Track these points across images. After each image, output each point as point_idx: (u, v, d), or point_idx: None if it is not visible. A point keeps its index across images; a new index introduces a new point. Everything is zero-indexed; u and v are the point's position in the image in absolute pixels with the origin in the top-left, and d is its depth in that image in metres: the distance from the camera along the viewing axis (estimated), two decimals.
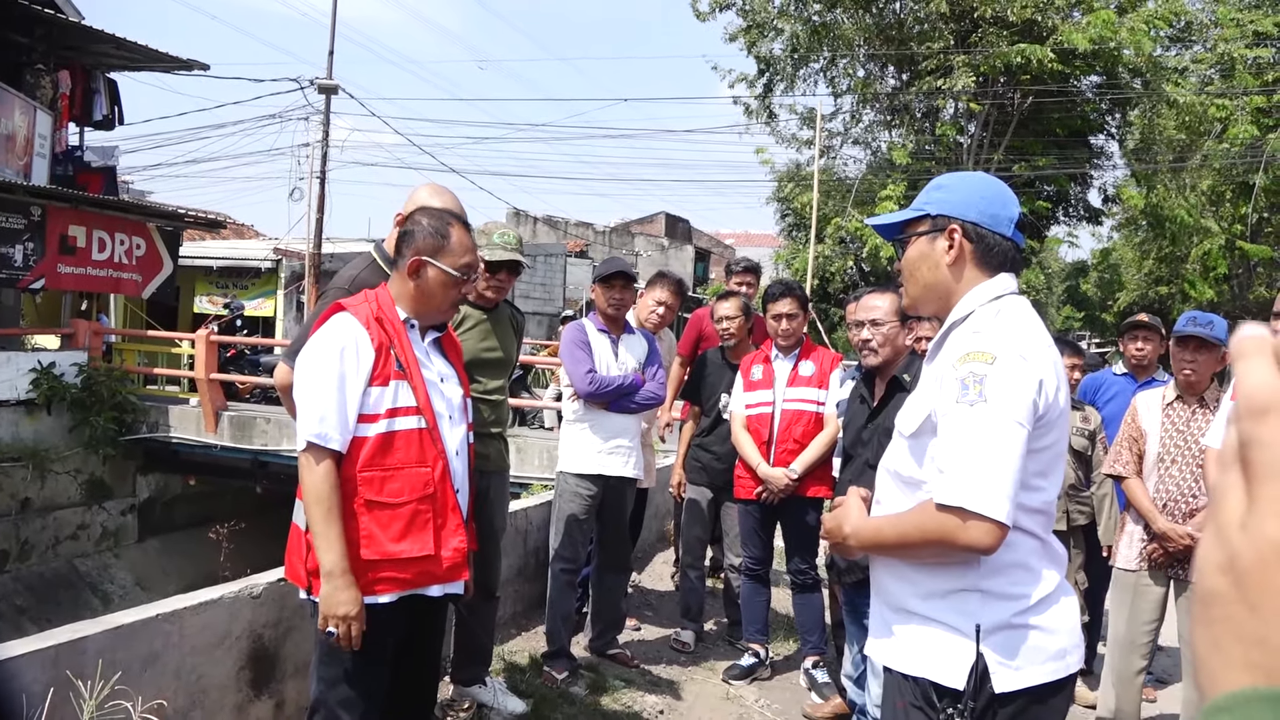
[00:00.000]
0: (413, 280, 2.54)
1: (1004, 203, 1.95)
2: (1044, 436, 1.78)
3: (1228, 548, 1.21)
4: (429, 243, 2.54)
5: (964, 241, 1.91)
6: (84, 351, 13.08)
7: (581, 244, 31.23)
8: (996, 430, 1.72)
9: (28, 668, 2.55)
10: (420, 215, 2.63)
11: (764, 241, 37.75)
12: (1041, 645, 1.78)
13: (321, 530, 2.34)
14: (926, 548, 1.79)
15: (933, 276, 1.95)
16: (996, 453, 1.71)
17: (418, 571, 2.47)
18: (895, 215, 2.05)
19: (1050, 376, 1.78)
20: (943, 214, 1.94)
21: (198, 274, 18.80)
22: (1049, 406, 1.77)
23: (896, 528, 1.87)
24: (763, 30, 19.63)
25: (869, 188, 19.43)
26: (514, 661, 4.49)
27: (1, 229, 12.02)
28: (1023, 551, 1.80)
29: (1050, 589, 1.81)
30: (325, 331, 2.47)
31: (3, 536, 11.75)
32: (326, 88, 18.06)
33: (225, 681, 3.19)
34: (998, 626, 1.77)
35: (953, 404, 1.77)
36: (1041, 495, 1.81)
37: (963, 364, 1.77)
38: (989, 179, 2.02)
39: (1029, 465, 1.76)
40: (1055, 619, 1.81)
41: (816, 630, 4.69)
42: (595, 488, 4.41)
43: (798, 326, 4.64)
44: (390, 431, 2.44)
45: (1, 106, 12.46)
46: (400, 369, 2.47)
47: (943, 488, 1.75)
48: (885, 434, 3.53)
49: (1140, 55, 17.04)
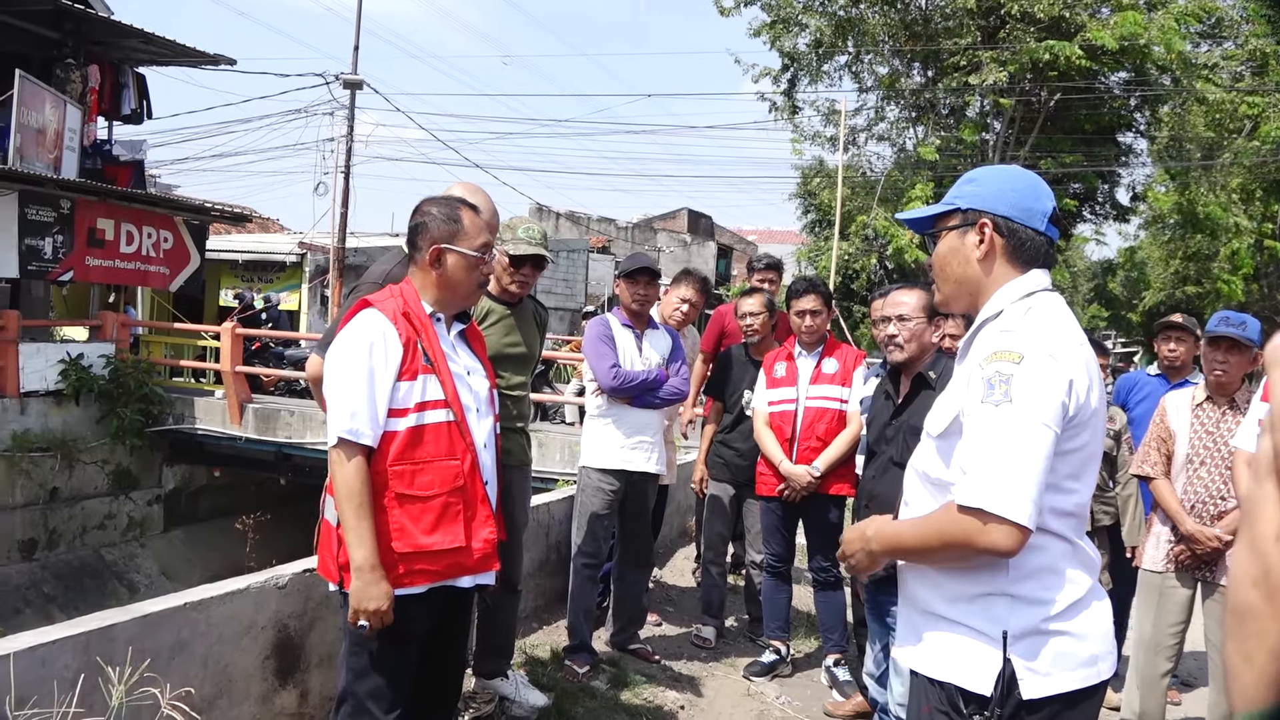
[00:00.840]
0: (434, 270, 2.56)
1: (1037, 196, 1.90)
2: (1075, 438, 1.74)
3: (1262, 561, 1.15)
4: (444, 229, 2.56)
5: (995, 236, 1.87)
6: (111, 343, 13.24)
7: (604, 240, 31.25)
8: (1021, 432, 1.68)
9: (60, 654, 2.58)
10: (428, 205, 2.64)
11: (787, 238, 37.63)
12: (1071, 651, 1.75)
13: (353, 525, 2.37)
14: (947, 551, 1.77)
15: (963, 272, 1.92)
16: (1020, 454, 1.68)
17: (449, 563, 2.49)
18: (926, 210, 2.01)
19: (1081, 376, 1.74)
20: (974, 208, 1.90)
21: (223, 267, 18.98)
22: (1079, 407, 1.73)
23: (917, 531, 1.85)
24: (787, 25, 19.56)
25: (894, 184, 19.32)
26: (535, 655, 4.51)
27: (31, 221, 12.16)
28: (1052, 555, 1.76)
29: (1081, 594, 1.77)
30: (353, 328, 2.48)
31: (31, 525, 11.92)
32: (351, 83, 18.16)
33: (251, 670, 3.22)
34: (1026, 632, 1.74)
35: (978, 404, 1.73)
36: (1073, 498, 1.77)
37: (989, 363, 1.74)
38: (1022, 172, 1.97)
39: (1060, 467, 1.73)
40: (1086, 624, 1.77)
41: (838, 628, 4.68)
42: (618, 483, 4.42)
43: (821, 323, 4.63)
44: (419, 425, 2.45)
45: (32, 101, 12.59)
46: (428, 363, 2.48)
47: (964, 489, 1.72)
48: (910, 431, 3.52)
49: (1170, 52, 16.85)
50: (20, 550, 11.76)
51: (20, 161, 12.23)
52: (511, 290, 3.72)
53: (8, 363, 11.85)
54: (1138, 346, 33.01)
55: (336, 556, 2.46)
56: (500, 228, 3.78)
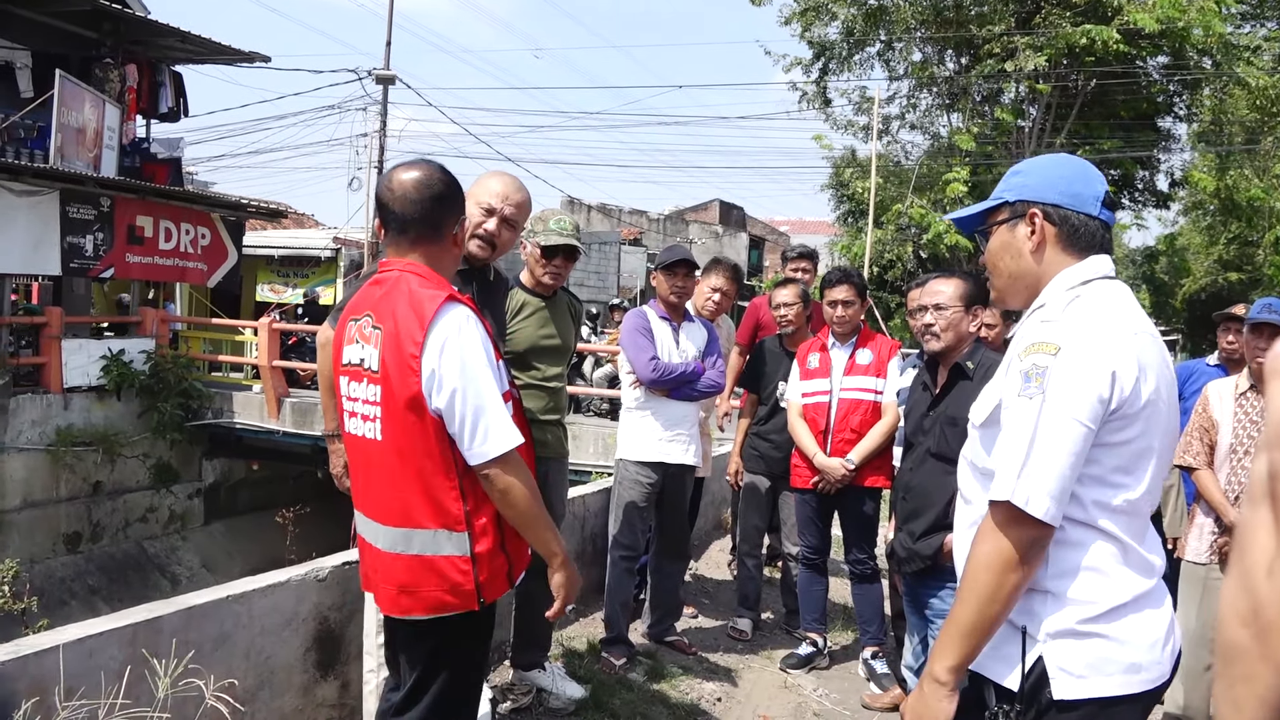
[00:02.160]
0: (457, 247, 2.40)
1: (1087, 180, 1.85)
2: (1121, 430, 1.68)
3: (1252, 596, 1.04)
4: (461, 200, 2.40)
5: (1046, 225, 1.83)
6: (152, 339, 13.43)
7: (635, 232, 31.21)
8: (1050, 426, 1.65)
9: (107, 645, 2.62)
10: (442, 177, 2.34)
11: (819, 229, 37.42)
12: (1110, 656, 1.69)
13: (547, 522, 2.26)
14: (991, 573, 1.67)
15: (1016, 266, 1.88)
16: (1046, 449, 1.64)
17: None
18: (975, 207, 1.99)
19: (1127, 367, 1.67)
20: (1022, 199, 1.86)
21: (259, 263, 19.18)
22: (1124, 400, 1.66)
23: (961, 595, 1.72)
24: (818, 14, 19.39)
25: (928, 173, 19.13)
26: (572, 647, 4.52)
27: (73, 219, 12.35)
28: (1097, 555, 1.71)
29: (1127, 597, 1.70)
30: (464, 329, 2.19)
31: (76, 518, 12.14)
32: (384, 78, 18.29)
33: (292, 662, 3.25)
34: (1062, 631, 1.70)
35: (1014, 397, 1.71)
36: (1123, 493, 1.70)
37: (1027, 355, 1.71)
38: (1069, 158, 1.93)
39: (1105, 460, 1.68)
40: (1130, 629, 1.70)
41: (875, 621, 4.66)
42: (656, 475, 4.42)
43: (854, 314, 4.59)
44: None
45: (72, 100, 12.77)
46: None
47: (993, 483, 1.70)
48: (947, 422, 3.49)
49: (1209, 35, 16.52)
50: (65, 543, 11.98)
51: (61, 161, 12.42)
52: (545, 282, 3.72)
53: (51, 359, 12.06)
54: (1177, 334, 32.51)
55: (475, 575, 2.22)
56: (532, 220, 3.79)
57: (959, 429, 3.43)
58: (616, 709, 3.92)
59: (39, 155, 12.46)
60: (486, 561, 2.24)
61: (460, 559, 2.22)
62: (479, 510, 2.23)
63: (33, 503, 11.67)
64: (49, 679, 2.45)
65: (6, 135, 12.63)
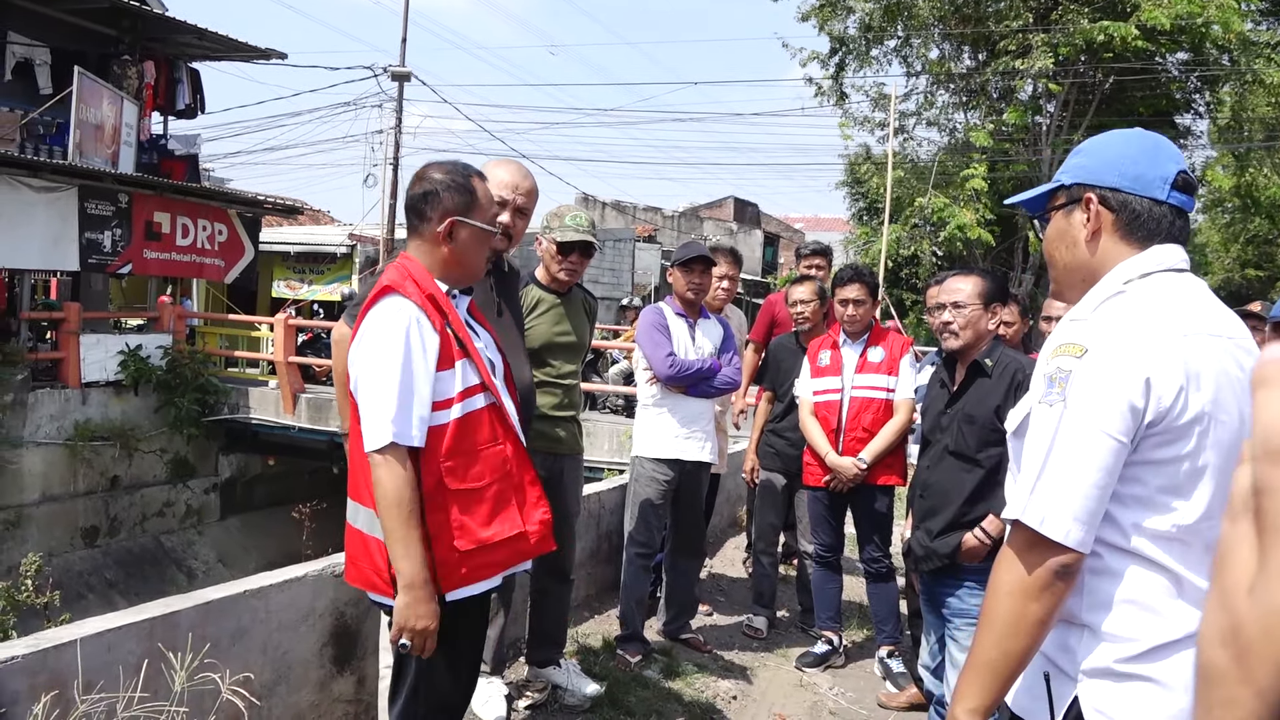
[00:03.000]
0: (445, 245, 2.35)
1: (1153, 160, 1.63)
2: (1166, 446, 1.48)
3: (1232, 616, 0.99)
4: (457, 200, 2.34)
5: (1103, 211, 1.64)
6: (169, 335, 13.50)
7: (650, 229, 31.17)
8: (1071, 438, 1.49)
9: (125, 639, 2.63)
10: (434, 172, 2.39)
11: (834, 226, 37.29)
12: (1153, 701, 1.48)
13: (401, 536, 2.17)
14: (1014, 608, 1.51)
15: (1071, 256, 1.69)
16: (1066, 463, 1.48)
17: (510, 552, 2.36)
18: (1036, 190, 1.81)
19: (1168, 374, 1.47)
20: (1078, 182, 1.68)
21: (275, 259, 19.25)
22: (1164, 411, 1.47)
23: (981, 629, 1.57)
24: (835, 8, 19.34)
25: (944, 169, 19.03)
26: (587, 644, 4.52)
27: (91, 215, 12.43)
28: (1140, 586, 1.50)
29: (1178, 634, 1.47)
30: (382, 318, 2.25)
31: (94, 513, 12.23)
32: (399, 75, 18.32)
33: (309, 657, 3.26)
34: (1098, 670, 1.51)
35: (1037, 403, 1.56)
36: (1172, 517, 1.49)
37: (1053, 358, 1.55)
38: (1140, 134, 1.70)
39: (1149, 479, 1.49)
40: (1177, 672, 1.46)
41: (891, 619, 4.64)
42: (672, 472, 4.41)
43: (865, 313, 4.57)
44: (465, 414, 2.29)
45: (90, 97, 12.85)
46: (460, 347, 2.31)
47: (1010, 501, 1.55)
48: (965, 420, 3.47)
49: (1228, 32, 16.38)
50: (83, 537, 12.07)
51: (80, 157, 12.50)
52: (560, 278, 3.71)
53: (69, 354, 12.14)
54: None
55: (386, 569, 2.25)
56: (547, 216, 3.78)
57: (976, 426, 3.42)
58: (632, 706, 3.91)
59: (58, 151, 12.56)
60: None
61: (377, 542, 2.27)
62: (434, 498, 2.26)
63: (51, 497, 11.76)
64: (67, 673, 2.46)
65: (26, 132, 12.72)
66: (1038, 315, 4.58)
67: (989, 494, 3.33)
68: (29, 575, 5.39)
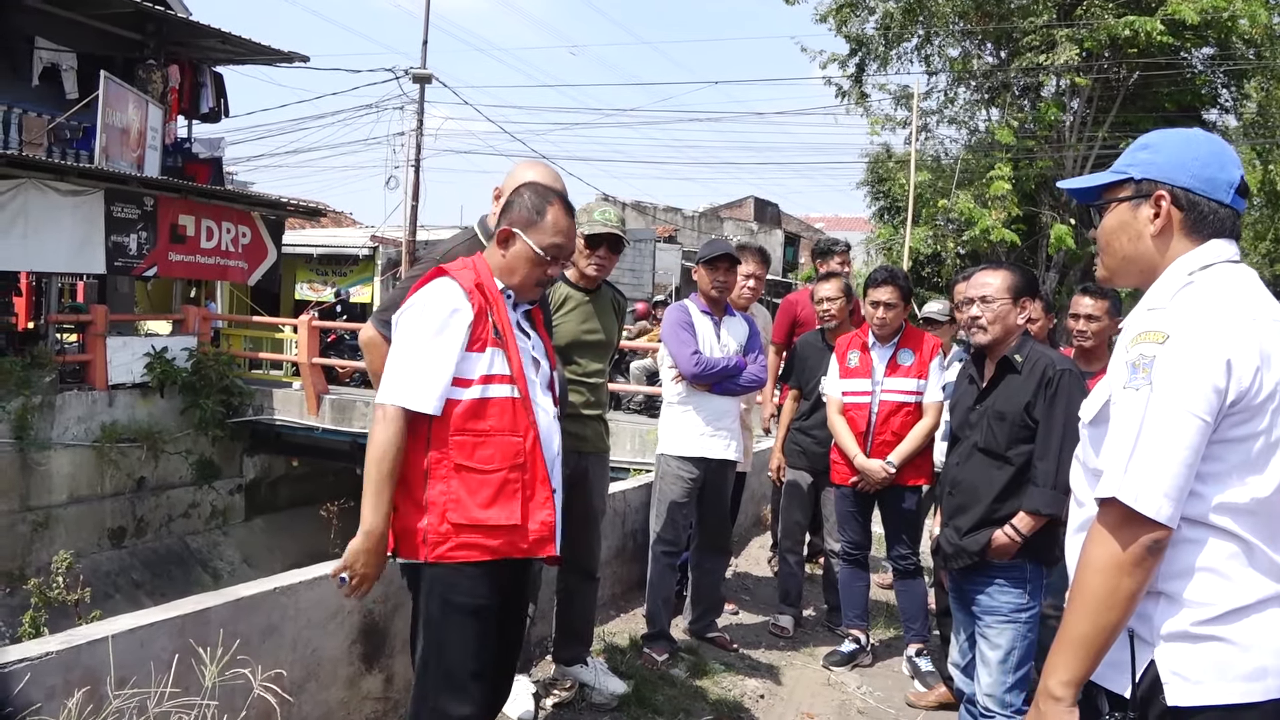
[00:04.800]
0: (501, 250, 2.55)
1: (1222, 164, 1.73)
2: (1244, 424, 1.58)
3: None
4: (523, 216, 2.54)
5: (1172, 210, 1.71)
6: (194, 337, 13.61)
7: (670, 229, 31.14)
8: (1161, 419, 1.56)
9: (157, 636, 2.65)
10: (525, 189, 2.61)
11: (854, 225, 37.14)
12: (1228, 661, 1.58)
13: (376, 489, 2.34)
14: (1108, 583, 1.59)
15: (1133, 249, 1.77)
16: (1158, 444, 1.55)
17: (504, 540, 2.43)
18: (1095, 178, 1.86)
19: (1246, 356, 1.56)
20: (1149, 178, 1.74)
21: (298, 261, 19.37)
22: (1244, 391, 1.56)
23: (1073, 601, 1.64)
24: (854, 9, 19.23)
25: (966, 168, 18.91)
26: (614, 643, 4.51)
27: (118, 219, 12.54)
28: (1215, 555, 1.60)
29: (1250, 599, 1.59)
30: (427, 293, 2.46)
31: (120, 514, 12.34)
32: (420, 77, 18.38)
33: (338, 654, 3.26)
34: (1175, 634, 1.61)
35: (1120, 389, 1.63)
36: (1249, 490, 1.58)
37: (1134, 345, 1.62)
38: (1205, 137, 1.79)
39: (1227, 456, 1.58)
40: (1251, 633, 1.58)
41: (919, 618, 4.61)
42: (697, 470, 4.39)
43: (896, 317, 4.53)
44: (484, 398, 2.42)
45: (116, 101, 12.98)
46: (497, 336, 2.45)
47: (1101, 480, 1.62)
48: (995, 417, 3.43)
49: (1255, 25, 16.19)
50: (110, 538, 12.18)
51: (106, 161, 12.63)
52: (589, 273, 3.70)
53: (96, 356, 12.25)
54: None
55: (394, 522, 2.43)
56: (578, 211, 3.77)
57: (1007, 423, 3.38)
58: (659, 704, 3.90)
59: (84, 155, 12.70)
60: (402, 513, 2.42)
61: (407, 505, 2.43)
62: (410, 462, 2.40)
63: (79, 498, 11.87)
64: (100, 669, 2.47)
65: (53, 136, 12.87)
66: (1062, 313, 4.54)
67: (1019, 491, 3.29)
68: (60, 573, 5.44)
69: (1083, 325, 4.23)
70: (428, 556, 2.40)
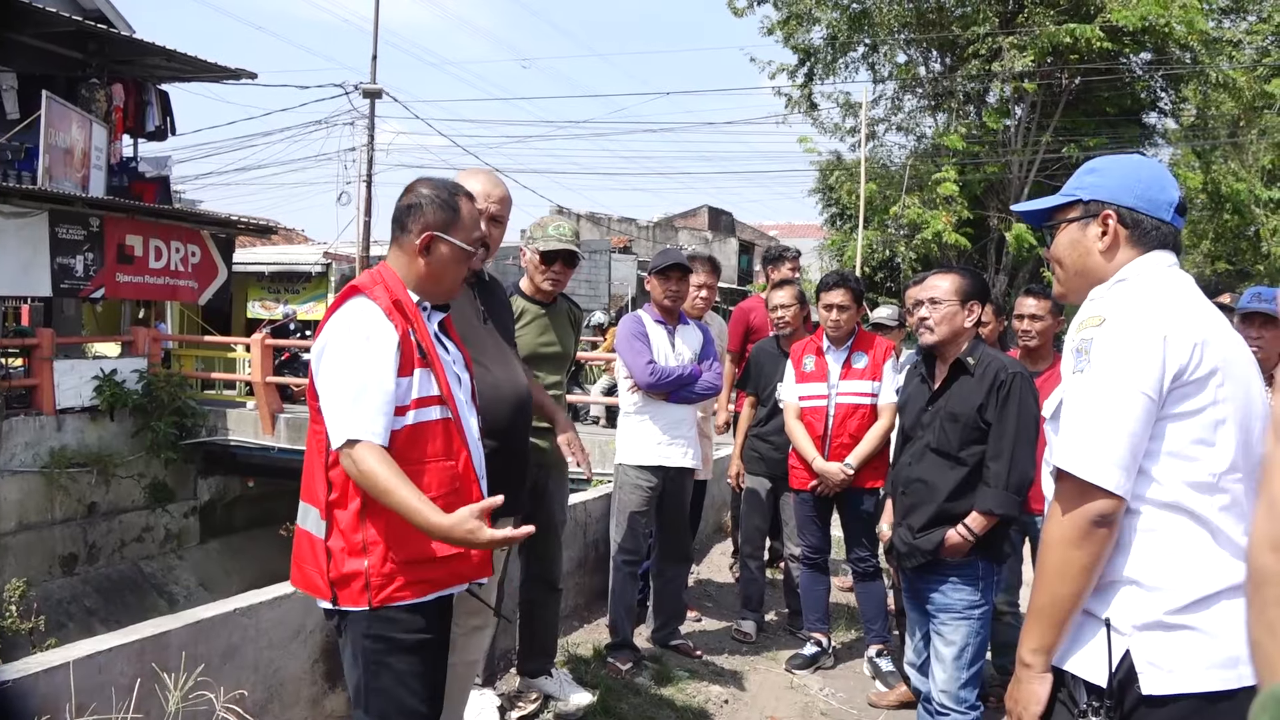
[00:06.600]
0: (422, 258, 2.35)
1: (1163, 186, 1.85)
2: (1189, 399, 1.65)
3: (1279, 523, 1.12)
4: (439, 216, 2.35)
5: (1119, 227, 1.82)
6: (144, 358, 13.39)
7: (625, 240, 31.19)
8: (1103, 394, 1.65)
9: (116, 661, 2.62)
10: (423, 186, 2.40)
11: (808, 232, 37.46)
12: (1200, 648, 1.61)
13: (415, 505, 2.11)
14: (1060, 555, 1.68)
15: (1083, 264, 1.87)
16: (1102, 415, 1.64)
17: (447, 571, 2.30)
18: (1045, 201, 1.97)
19: (1182, 334, 1.65)
20: (1096, 199, 1.86)
21: (250, 280, 19.12)
22: (1184, 367, 1.64)
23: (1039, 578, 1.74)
24: (800, 21, 19.44)
25: (915, 174, 19.19)
26: (578, 654, 4.52)
27: (62, 240, 12.32)
28: (1180, 540, 1.65)
29: (1220, 585, 1.61)
30: (348, 318, 2.27)
31: (71, 540, 12.08)
32: (370, 92, 18.30)
33: (300, 674, 3.25)
34: (1148, 624, 1.64)
35: (1069, 376, 1.74)
36: (1203, 466, 1.64)
37: (1078, 332, 1.74)
38: (1146, 161, 1.93)
39: (1180, 434, 1.65)
40: (1220, 621, 1.60)
41: (879, 618, 4.67)
42: (655, 479, 4.42)
43: (849, 319, 4.61)
44: (417, 424, 2.26)
45: (59, 121, 12.75)
46: (422, 356, 2.29)
47: (1054, 454, 1.71)
48: (948, 418, 3.50)
49: (1191, 32, 16.64)
50: (61, 565, 11.91)
51: (50, 181, 12.39)
52: (545, 288, 3.73)
53: (43, 380, 12.00)
54: None
55: (326, 571, 2.24)
56: (531, 226, 3.80)
57: (959, 424, 3.45)
58: (625, 713, 3.92)
59: (27, 176, 12.44)
60: (338, 560, 2.24)
61: (321, 544, 2.27)
62: (342, 503, 2.25)
63: (28, 525, 11.60)
64: (60, 696, 2.45)
65: None
66: (1011, 315, 4.64)
67: (970, 491, 3.36)
68: (13, 601, 5.33)
69: (1027, 325, 4.33)
70: (372, 602, 2.23)
